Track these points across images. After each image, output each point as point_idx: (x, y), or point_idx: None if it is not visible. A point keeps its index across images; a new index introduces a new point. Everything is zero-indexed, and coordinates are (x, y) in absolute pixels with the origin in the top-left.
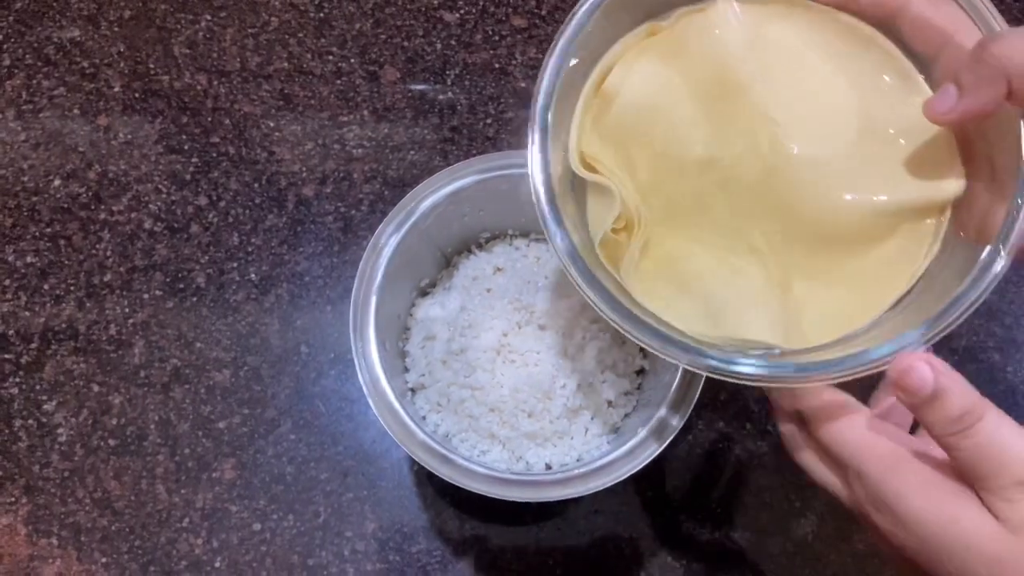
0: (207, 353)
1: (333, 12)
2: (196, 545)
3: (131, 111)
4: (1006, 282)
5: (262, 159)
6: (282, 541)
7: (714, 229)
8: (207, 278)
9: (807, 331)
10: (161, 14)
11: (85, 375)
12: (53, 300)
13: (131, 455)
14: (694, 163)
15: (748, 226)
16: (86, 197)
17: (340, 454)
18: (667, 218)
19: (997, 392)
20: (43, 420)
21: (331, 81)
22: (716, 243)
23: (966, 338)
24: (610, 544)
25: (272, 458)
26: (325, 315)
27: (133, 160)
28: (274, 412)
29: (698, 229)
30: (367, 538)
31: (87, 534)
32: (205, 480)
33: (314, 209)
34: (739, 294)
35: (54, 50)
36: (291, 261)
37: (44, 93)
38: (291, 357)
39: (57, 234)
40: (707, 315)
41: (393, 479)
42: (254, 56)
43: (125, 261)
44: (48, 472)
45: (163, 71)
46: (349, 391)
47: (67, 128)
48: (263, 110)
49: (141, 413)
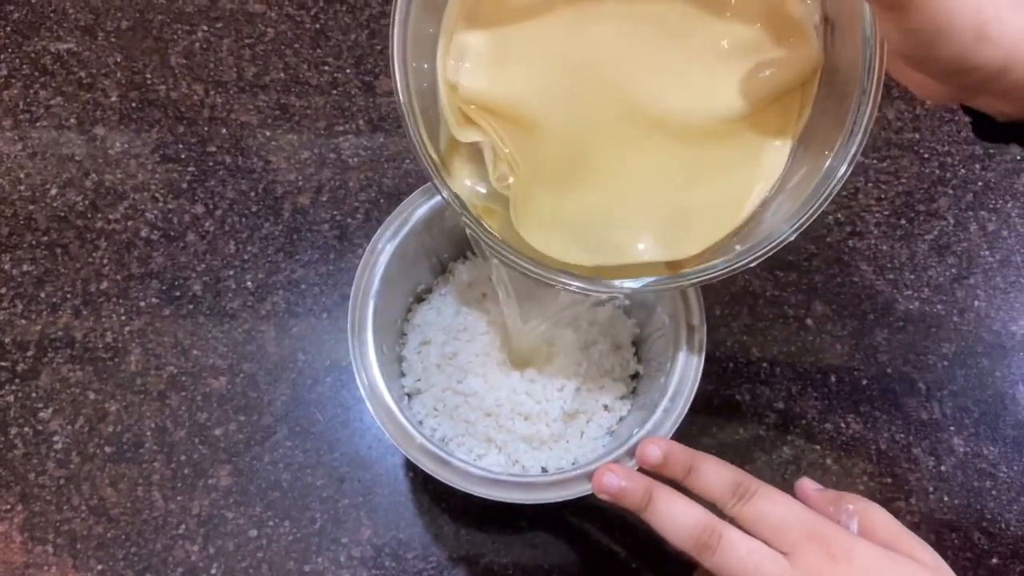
0: (203, 361)
1: (329, 23)
2: (192, 552)
3: (128, 121)
4: (995, 288)
5: (258, 168)
6: (278, 548)
7: (593, 166)
8: (203, 286)
9: (697, 235)
10: (158, 25)
11: (81, 383)
12: (49, 308)
13: (127, 462)
14: (561, 106)
15: (624, 155)
16: (83, 206)
17: (336, 461)
18: (546, 164)
19: (986, 397)
20: (39, 428)
21: (327, 91)
22: (597, 180)
23: (955, 344)
24: (606, 549)
25: (268, 465)
26: (321, 323)
27: (130, 169)
28: (270, 419)
29: (576, 169)
30: (363, 545)
31: (83, 541)
32: (201, 487)
33: (310, 217)
34: (627, 222)
35: (51, 60)
36: (287, 269)
37: (41, 103)
38: (287, 364)
39: (54, 242)
40: (598, 248)
41: (389, 485)
42: (250, 67)
43: (121, 269)
44: (44, 479)
45: (160, 81)
46: (345, 398)
47: (64, 138)
48: (259, 120)
49: (137, 420)
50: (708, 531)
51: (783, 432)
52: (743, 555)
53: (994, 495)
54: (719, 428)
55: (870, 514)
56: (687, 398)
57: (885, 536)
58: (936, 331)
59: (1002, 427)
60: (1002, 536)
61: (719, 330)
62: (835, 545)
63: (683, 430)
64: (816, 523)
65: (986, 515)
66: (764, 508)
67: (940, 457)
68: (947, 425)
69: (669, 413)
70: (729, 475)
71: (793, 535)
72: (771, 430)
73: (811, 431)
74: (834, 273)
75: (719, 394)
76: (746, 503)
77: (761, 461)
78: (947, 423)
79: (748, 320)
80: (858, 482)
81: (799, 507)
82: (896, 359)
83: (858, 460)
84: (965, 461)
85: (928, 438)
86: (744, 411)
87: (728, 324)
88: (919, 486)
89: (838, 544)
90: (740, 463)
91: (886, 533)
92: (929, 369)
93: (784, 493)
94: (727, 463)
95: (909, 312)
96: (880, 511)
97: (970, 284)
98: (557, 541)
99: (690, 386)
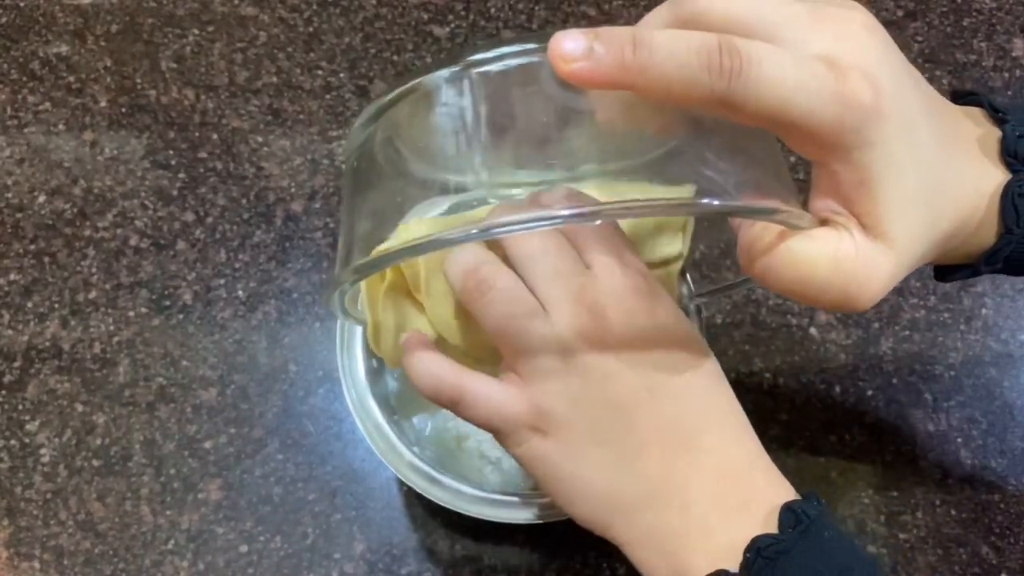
0: (193, 371)
1: (322, 26)
2: (181, 568)
3: (117, 126)
4: (1003, 296)
5: (250, 174)
6: (269, 563)
7: None
8: (194, 295)
9: None
10: (148, 29)
11: (69, 394)
12: (37, 318)
13: (115, 476)
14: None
15: None
16: (71, 213)
17: (328, 474)
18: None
19: (994, 408)
20: (25, 440)
21: (320, 96)
22: None
23: (962, 353)
24: (604, 563)
25: (259, 478)
26: (314, 332)
27: (119, 176)
28: (261, 431)
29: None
30: (356, 560)
31: (70, 557)
32: (191, 501)
33: (303, 225)
34: None
35: (39, 65)
36: (279, 278)
37: (29, 108)
38: (279, 375)
39: (41, 251)
40: None
41: (382, 499)
42: (242, 71)
43: (110, 278)
44: (30, 494)
45: (150, 86)
46: (338, 410)
47: (52, 144)
48: (251, 125)
49: (126, 433)
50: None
51: (786, 444)
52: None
53: (1002, 508)
54: None
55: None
56: None
57: None
58: (943, 340)
59: (1010, 439)
60: (1011, 551)
61: (720, 339)
62: (650, 283)
63: None
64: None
65: (995, 529)
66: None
67: (947, 469)
68: (954, 437)
69: None
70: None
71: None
72: (774, 442)
73: (815, 443)
74: None
75: None
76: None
77: None
78: (954, 434)
79: (750, 329)
80: (863, 495)
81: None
82: (902, 369)
83: (863, 473)
84: (973, 473)
85: (935, 450)
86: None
87: (730, 333)
88: (925, 499)
89: (652, 283)
90: None
91: None
92: (935, 379)
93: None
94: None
95: (915, 321)
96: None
97: (977, 292)
98: (555, 556)
99: None
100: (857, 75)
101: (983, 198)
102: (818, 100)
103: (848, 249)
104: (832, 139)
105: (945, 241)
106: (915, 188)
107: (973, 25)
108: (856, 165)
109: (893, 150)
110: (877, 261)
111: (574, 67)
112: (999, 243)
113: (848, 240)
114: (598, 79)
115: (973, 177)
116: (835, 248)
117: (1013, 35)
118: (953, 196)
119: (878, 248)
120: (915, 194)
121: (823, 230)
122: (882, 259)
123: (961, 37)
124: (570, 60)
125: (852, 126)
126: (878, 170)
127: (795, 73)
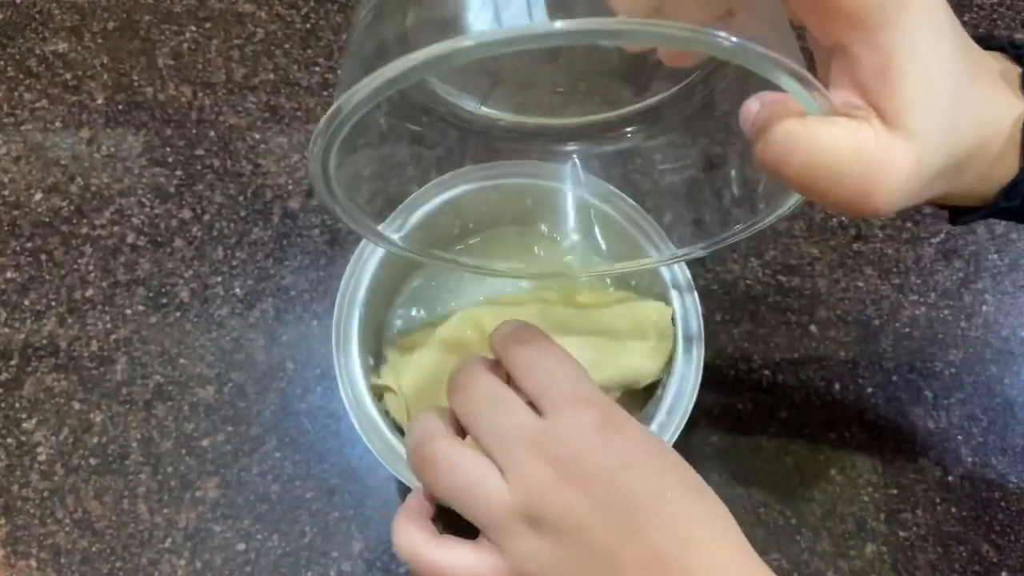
0: (191, 369)
1: (320, 23)
2: (179, 566)
3: (114, 124)
4: (1003, 293)
5: (247, 172)
6: (267, 562)
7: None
8: (191, 293)
9: None
10: (145, 25)
11: (66, 392)
12: (33, 316)
13: (112, 474)
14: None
15: None
16: (68, 211)
17: (326, 472)
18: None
19: (995, 405)
20: (22, 439)
21: (318, 93)
22: None
23: (963, 350)
24: None
25: (257, 476)
26: (311, 330)
27: (116, 173)
28: (259, 429)
29: None
30: (354, 559)
31: (67, 556)
32: (188, 499)
33: (300, 222)
34: None
35: (36, 62)
36: (277, 275)
37: (26, 106)
38: (276, 373)
39: (38, 249)
40: None
41: (380, 498)
42: (239, 68)
43: (107, 276)
44: (27, 492)
45: (147, 83)
46: (336, 408)
47: (49, 141)
48: (248, 122)
49: (123, 431)
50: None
51: (786, 442)
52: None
53: (1003, 506)
54: (720, 438)
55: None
56: (684, 411)
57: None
58: (943, 337)
59: (1011, 436)
60: (1011, 549)
61: (720, 337)
62: (611, 414)
63: (682, 440)
64: (591, 389)
65: (995, 527)
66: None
67: (947, 467)
68: (954, 434)
69: (666, 427)
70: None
71: (561, 394)
72: (773, 439)
73: (814, 440)
74: (838, 278)
75: (720, 403)
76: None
77: (763, 471)
78: (954, 432)
79: (750, 326)
80: (863, 493)
81: (576, 368)
82: (902, 366)
83: (863, 470)
84: (973, 471)
85: (935, 448)
86: (745, 420)
87: (729, 331)
88: (926, 497)
89: (614, 414)
90: (742, 473)
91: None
92: (936, 376)
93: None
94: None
95: (915, 318)
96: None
97: (978, 288)
98: None
99: (688, 399)
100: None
101: (1004, 126)
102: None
103: (868, 137)
104: (854, 13)
105: (964, 164)
106: (939, 85)
107: (974, 20)
108: (879, 48)
109: (918, 40)
110: (897, 154)
111: None
112: (1019, 176)
113: (868, 129)
114: None
115: (994, 102)
116: (854, 135)
117: (1015, 30)
118: (974, 113)
119: (898, 141)
120: (939, 92)
121: (844, 119)
122: (902, 153)
123: None
124: None
125: (876, 1)
126: (901, 58)
127: None
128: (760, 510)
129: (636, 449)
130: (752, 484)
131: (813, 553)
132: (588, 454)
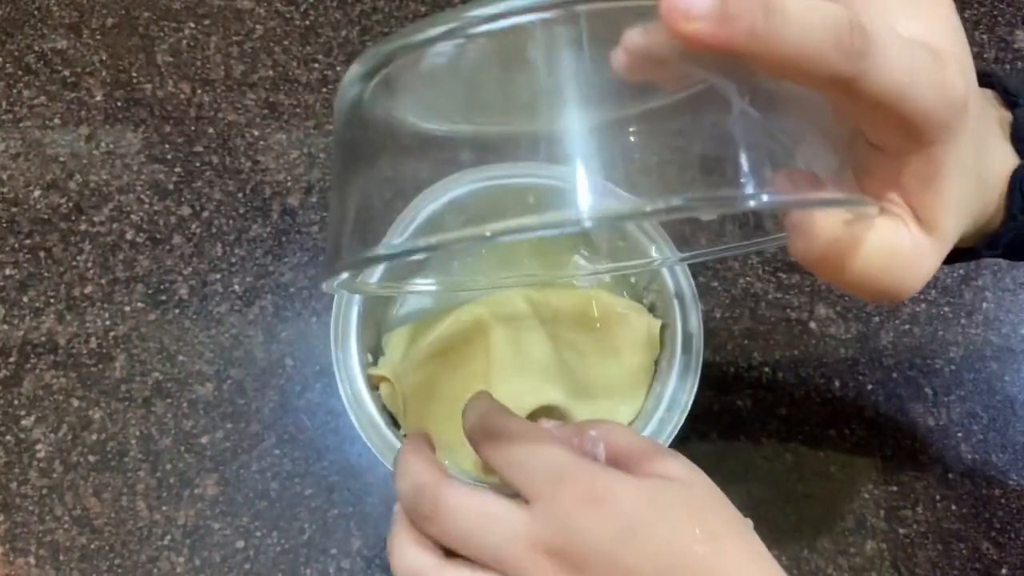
0: (190, 366)
1: (319, 20)
2: (178, 564)
3: (113, 120)
4: (1004, 290)
5: (246, 168)
6: (266, 559)
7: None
8: (190, 290)
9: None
10: (144, 22)
11: (65, 389)
12: (32, 313)
13: (111, 471)
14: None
15: None
16: (67, 208)
17: (325, 469)
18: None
19: (995, 402)
20: (21, 436)
21: (317, 89)
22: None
23: (963, 347)
24: None
25: (256, 473)
26: (311, 327)
27: (115, 170)
28: (258, 426)
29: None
30: (353, 556)
31: (65, 553)
32: (187, 496)
33: (299, 219)
34: None
35: (35, 59)
36: (276, 272)
37: (24, 103)
38: (275, 370)
39: (37, 246)
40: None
41: (379, 495)
42: (238, 64)
43: (106, 273)
44: (26, 489)
45: (146, 80)
46: (335, 405)
47: (48, 138)
48: (247, 119)
49: (122, 428)
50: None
51: (786, 439)
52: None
53: (1003, 503)
54: (719, 435)
55: (613, 435)
56: (684, 408)
57: (631, 454)
58: (943, 334)
59: (1012, 433)
60: (1012, 546)
61: (719, 334)
62: (593, 485)
63: (681, 437)
64: (567, 463)
65: (995, 524)
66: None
67: (948, 464)
68: (955, 431)
69: (665, 424)
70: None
71: (539, 479)
72: (773, 437)
73: (814, 437)
74: None
75: (719, 400)
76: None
77: (763, 469)
78: (955, 429)
79: (749, 323)
80: (863, 490)
81: (547, 446)
82: (902, 363)
83: (863, 467)
84: (973, 468)
85: (935, 445)
86: (745, 417)
87: (729, 328)
88: (926, 494)
89: (596, 483)
90: (742, 471)
91: (632, 451)
92: (936, 373)
93: (537, 429)
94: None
95: (915, 315)
96: (622, 428)
97: (978, 286)
98: None
99: (687, 396)
100: (955, 66)
101: (998, 181)
102: (921, 90)
103: (905, 241)
104: (921, 131)
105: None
106: (974, 188)
107: (975, 17)
108: (931, 159)
109: (964, 148)
110: (927, 255)
111: (696, 27)
112: (1002, 229)
113: (903, 232)
114: (721, 42)
115: (994, 160)
116: (893, 239)
117: (1015, 27)
118: (986, 186)
119: (928, 241)
120: (973, 195)
121: (882, 219)
122: (930, 252)
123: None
124: (693, 19)
125: (943, 120)
126: (948, 168)
127: (909, 59)
128: (760, 507)
129: (631, 510)
130: (752, 481)
131: (813, 550)
132: (582, 534)
